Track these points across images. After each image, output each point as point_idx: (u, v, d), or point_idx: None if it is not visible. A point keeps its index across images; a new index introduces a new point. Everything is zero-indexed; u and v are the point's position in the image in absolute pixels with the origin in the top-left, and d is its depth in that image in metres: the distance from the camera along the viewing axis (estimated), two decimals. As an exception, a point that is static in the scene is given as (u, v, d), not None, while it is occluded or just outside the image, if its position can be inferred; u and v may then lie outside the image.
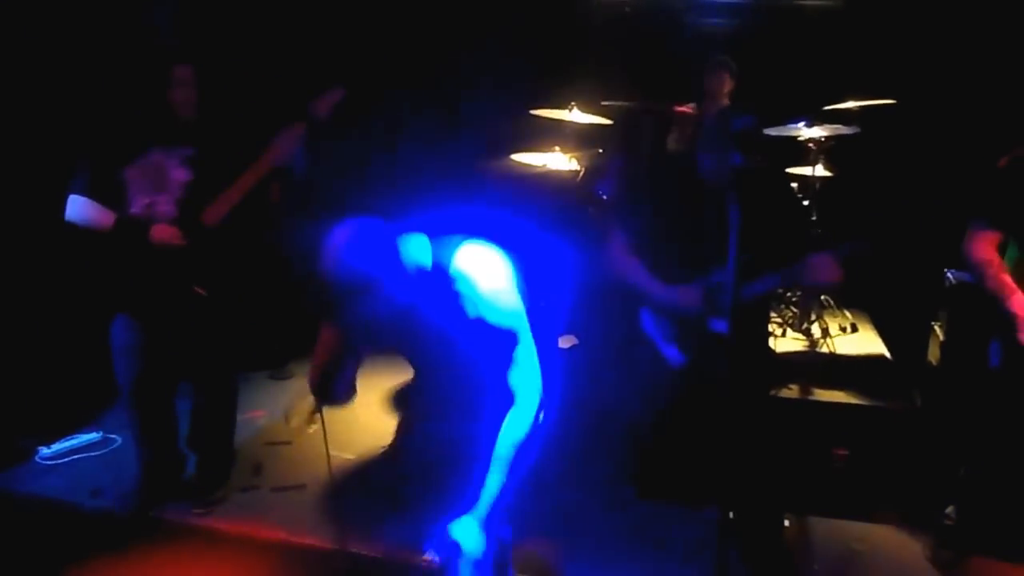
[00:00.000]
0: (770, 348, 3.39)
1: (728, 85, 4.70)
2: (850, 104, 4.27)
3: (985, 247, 2.74)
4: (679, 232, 2.83)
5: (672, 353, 2.84)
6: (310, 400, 3.15)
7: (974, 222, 2.79)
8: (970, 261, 2.76)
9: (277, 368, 4.95)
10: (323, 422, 2.59)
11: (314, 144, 3.21)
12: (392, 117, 5.19)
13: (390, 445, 2.66)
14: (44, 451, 3.83)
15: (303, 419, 3.18)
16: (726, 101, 4.74)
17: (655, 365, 2.88)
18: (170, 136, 3.16)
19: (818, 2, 4.45)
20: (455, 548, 1.95)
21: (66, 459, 3.83)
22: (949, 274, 3.46)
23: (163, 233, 3.04)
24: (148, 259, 3.06)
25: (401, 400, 2.86)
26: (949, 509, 3.08)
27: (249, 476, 3.67)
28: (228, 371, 3.48)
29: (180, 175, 3.14)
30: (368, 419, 4.18)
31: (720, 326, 2.73)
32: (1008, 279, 2.68)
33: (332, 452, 3.89)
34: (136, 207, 3.10)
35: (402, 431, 2.71)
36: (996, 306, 2.68)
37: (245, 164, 3.16)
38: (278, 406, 4.45)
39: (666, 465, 3.24)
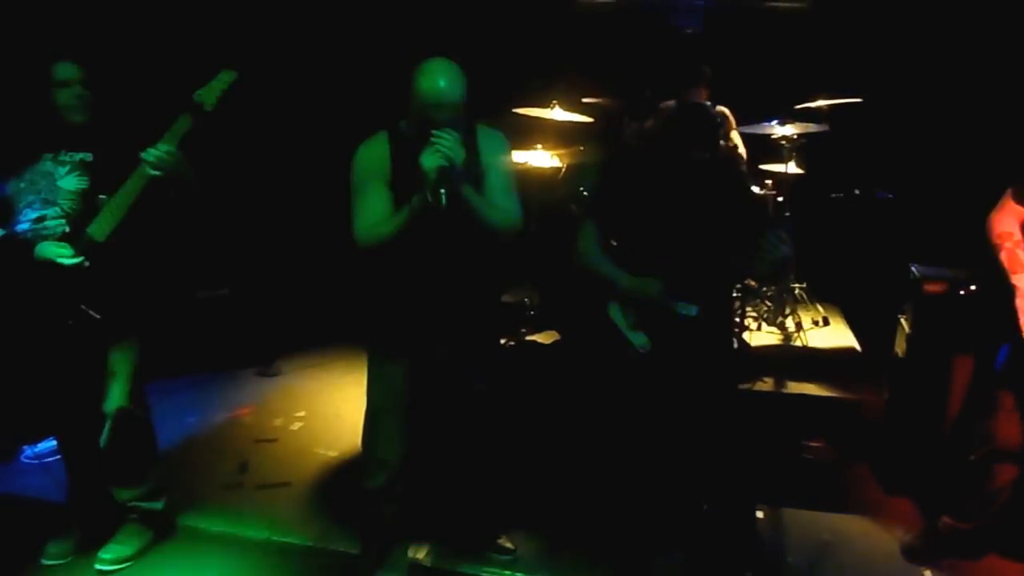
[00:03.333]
0: (739, 337, 3.42)
1: (703, 97, 4.70)
2: (820, 103, 4.34)
3: (1009, 220, 2.80)
4: (648, 223, 2.87)
5: (638, 340, 2.89)
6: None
7: (1013, 189, 2.83)
8: (990, 231, 2.82)
9: (264, 365, 4.99)
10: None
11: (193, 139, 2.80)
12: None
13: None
14: (29, 451, 3.81)
15: None
16: None
17: (621, 353, 2.92)
18: (62, 142, 2.82)
19: (788, 4, 4.51)
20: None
21: (51, 458, 3.77)
22: (913, 268, 3.54)
23: (49, 252, 2.69)
24: (35, 282, 2.73)
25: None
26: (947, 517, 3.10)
27: (234, 474, 3.69)
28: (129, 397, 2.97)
29: (72, 185, 2.80)
30: (351, 417, 4.24)
31: (686, 312, 2.77)
32: (1020, 256, 2.75)
33: (316, 450, 3.95)
34: (24, 223, 2.78)
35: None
36: (1002, 278, 2.77)
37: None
38: (264, 403, 4.50)
39: (635, 456, 3.29)
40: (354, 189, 2.60)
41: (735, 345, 3.30)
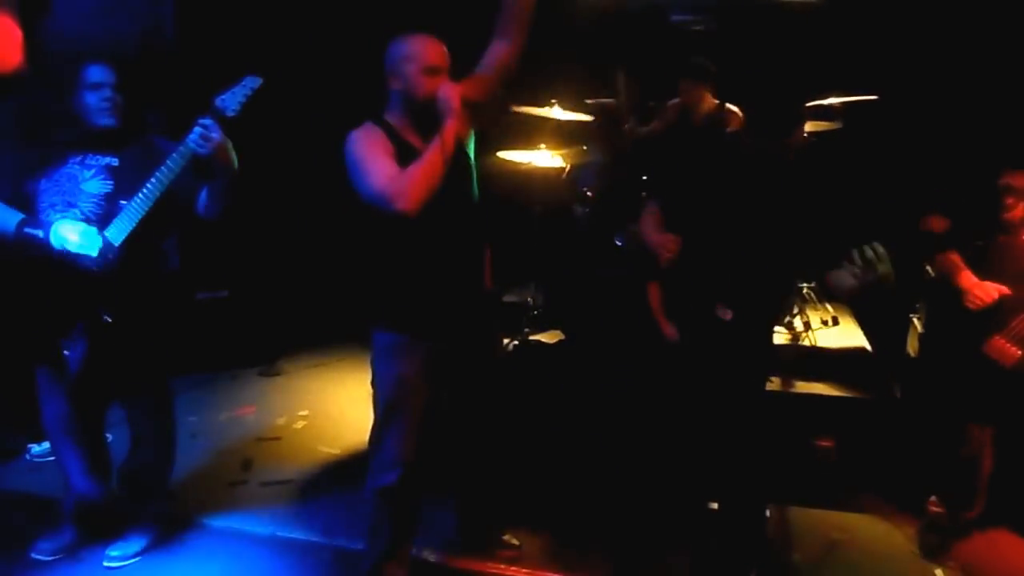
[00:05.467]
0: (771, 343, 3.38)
1: (703, 92, 4.66)
2: (833, 100, 4.33)
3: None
4: (709, 211, 2.85)
5: (669, 329, 2.86)
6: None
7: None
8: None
9: (267, 365, 5.00)
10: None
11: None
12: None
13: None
14: (35, 448, 3.83)
15: None
16: (705, 106, 4.71)
17: (650, 340, 2.91)
18: (89, 144, 2.81)
19: (802, -1, 4.50)
20: None
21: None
22: (928, 267, 3.51)
23: (69, 232, 2.66)
24: (52, 287, 2.72)
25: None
26: (934, 496, 3.13)
27: (238, 471, 3.70)
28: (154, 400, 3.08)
29: (94, 187, 2.77)
30: (353, 415, 4.24)
31: (719, 314, 2.74)
32: (957, 258, 3.01)
33: (320, 448, 3.94)
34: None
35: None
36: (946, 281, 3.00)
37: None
38: (267, 403, 4.51)
39: (650, 450, 3.28)
40: (360, 158, 2.42)
41: (769, 354, 3.25)
